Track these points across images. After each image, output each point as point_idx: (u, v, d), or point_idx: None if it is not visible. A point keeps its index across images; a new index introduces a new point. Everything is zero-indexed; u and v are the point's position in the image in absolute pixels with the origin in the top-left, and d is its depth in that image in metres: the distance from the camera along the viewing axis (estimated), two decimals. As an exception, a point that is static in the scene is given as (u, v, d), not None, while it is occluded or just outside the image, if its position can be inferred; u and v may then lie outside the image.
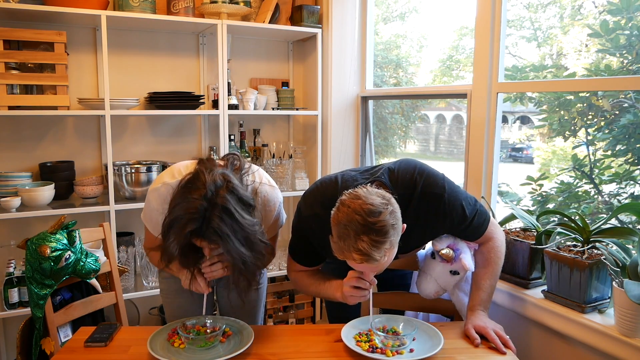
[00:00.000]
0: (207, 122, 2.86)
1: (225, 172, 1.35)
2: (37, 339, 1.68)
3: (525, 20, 2.30)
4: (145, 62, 2.71)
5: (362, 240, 1.23)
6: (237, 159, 1.49)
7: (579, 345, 1.59)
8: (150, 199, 1.51)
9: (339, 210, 1.29)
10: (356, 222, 1.24)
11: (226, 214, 1.26)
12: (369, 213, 1.24)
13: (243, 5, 2.62)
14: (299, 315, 2.98)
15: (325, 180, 1.56)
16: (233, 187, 1.30)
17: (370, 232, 1.23)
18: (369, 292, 1.43)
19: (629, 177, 1.97)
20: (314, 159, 2.93)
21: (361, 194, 1.29)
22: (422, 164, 1.52)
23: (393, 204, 1.29)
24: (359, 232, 1.24)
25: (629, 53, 1.88)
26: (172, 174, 1.50)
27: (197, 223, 1.25)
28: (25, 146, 2.48)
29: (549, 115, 2.20)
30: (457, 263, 1.56)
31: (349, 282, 1.43)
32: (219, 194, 1.26)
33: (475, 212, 1.52)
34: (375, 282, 1.43)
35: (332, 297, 1.52)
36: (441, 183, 1.47)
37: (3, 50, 2.17)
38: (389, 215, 1.26)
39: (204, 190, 1.25)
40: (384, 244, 1.25)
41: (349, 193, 1.31)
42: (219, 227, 1.25)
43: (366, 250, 1.23)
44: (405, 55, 3.15)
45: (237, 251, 1.29)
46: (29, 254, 1.66)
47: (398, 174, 1.47)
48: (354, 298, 1.44)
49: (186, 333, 1.38)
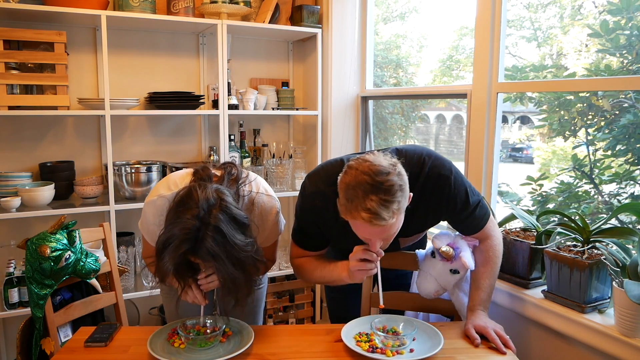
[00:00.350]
0: (207, 122, 2.87)
1: (219, 188, 1.34)
2: (37, 339, 1.68)
3: (525, 20, 2.30)
4: (145, 62, 2.71)
5: (371, 199, 1.23)
6: (235, 168, 1.49)
7: (579, 345, 1.59)
8: (147, 210, 1.52)
9: (347, 173, 1.29)
10: (365, 183, 1.24)
11: (218, 234, 1.25)
12: (377, 173, 1.24)
13: (243, 5, 2.62)
14: (299, 315, 2.98)
15: (329, 161, 1.56)
16: (226, 206, 1.30)
17: (379, 192, 1.23)
18: (376, 265, 1.41)
19: (629, 177, 1.97)
20: (314, 159, 2.93)
21: (368, 157, 1.29)
22: (430, 149, 1.53)
23: (400, 168, 1.30)
24: (368, 191, 1.23)
25: (629, 53, 1.88)
26: (167, 185, 1.50)
27: (191, 243, 1.25)
28: (25, 146, 2.48)
29: (549, 115, 2.20)
30: (457, 261, 1.56)
31: (355, 255, 1.41)
32: (211, 214, 1.26)
33: (477, 203, 1.52)
34: (382, 253, 1.41)
35: (337, 278, 1.50)
36: (448, 167, 1.48)
37: (3, 50, 2.17)
38: (397, 176, 1.26)
39: (196, 210, 1.25)
40: (393, 203, 1.24)
41: (355, 159, 1.31)
42: (211, 248, 1.24)
43: (375, 208, 1.22)
44: (405, 55, 3.15)
45: (228, 272, 1.28)
46: (29, 254, 1.66)
47: (406, 154, 1.47)
48: (361, 272, 1.41)
49: (186, 333, 1.38)
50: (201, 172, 1.45)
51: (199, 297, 1.45)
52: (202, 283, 1.44)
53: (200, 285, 1.45)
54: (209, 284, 1.44)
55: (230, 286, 1.33)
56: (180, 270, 1.34)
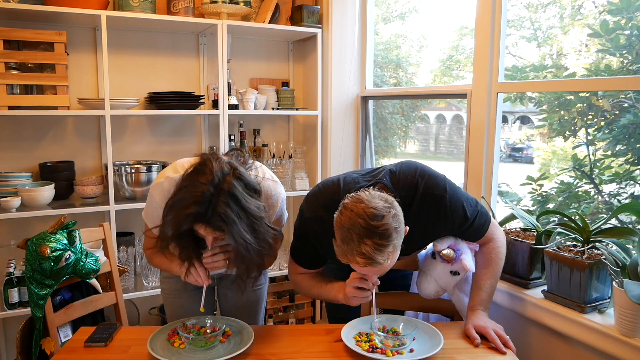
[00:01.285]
0: (207, 122, 2.86)
1: (232, 161, 1.36)
2: (37, 339, 1.68)
3: (525, 20, 2.30)
4: (145, 62, 2.70)
5: (366, 244, 1.24)
6: (241, 154, 1.49)
7: (579, 345, 1.59)
8: (154, 193, 1.50)
9: (342, 214, 1.29)
10: (359, 226, 1.24)
11: (232, 199, 1.26)
12: (372, 217, 1.24)
13: (243, 5, 2.62)
14: (299, 315, 2.98)
15: (327, 182, 1.56)
16: (240, 174, 1.31)
17: (374, 236, 1.24)
18: (371, 293, 1.43)
19: (629, 177, 1.97)
20: (314, 159, 2.93)
21: (364, 197, 1.29)
22: (423, 166, 1.52)
23: (396, 207, 1.30)
24: (362, 235, 1.24)
25: (629, 53, 1.88)
26: (175, 168, 1.49)
27: (202, 207, 1.24)
28: (25, 146, 2.48)
29: (549, 115, 2.20)
30: (457, 264, 1.56)
31: (351, 283, 1.43)
32: (225, 180, 1.27)
33: (476, 214, 1.52)
34: (378, 282, 1.43)
35: (334, 299, 1.52)
36: (442, 185, 1.48)
37: (3, 50, 2.17)
38: (392, 218, 1.26)
39: (210, 175, 1.26)
40: (387, 247, 1.25)
41: (351, 197, 1.31)
42: (225, 213, 1.24)
43: (369, 254, 1.24)
44: (405, 55, 3.15)
45: (242, 237, 1.28)
46: (29, 254, 1.66)
47: (399, 176, 1.48)
48: (356, 299, 1.44)
49: (186, 333, 1.38)
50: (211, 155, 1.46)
51: (202, 276, 1.43)
52: (208, 262, 1.42)
53: (206, 264, 1.43)
54: (214, 263, 1.43)
55: (243, 253, 1.32)
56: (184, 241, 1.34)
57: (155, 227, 1.40)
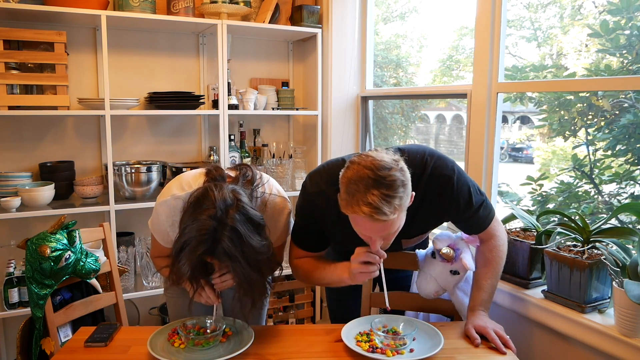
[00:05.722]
0: (207, 122, 2.87)
1: (235, 188, 1.33)
2: (37, 339, 1.68)
3: (525, 20, 2.30)
4: (145, 62, 2.71)
5: (373, 193, 1.22)
6: (250, 170, 1.48)
7: (579, 345, 1.59)
8: (160, 211, 1.49)
9: (349, 168, 1.28)
10: (366, 177, 1.23)
11: (235, 234, 1.25)
12: (380, 167, 1.23)
13: (243, 5, 2.62)
14: (299, 315, 2.98)
15: (331, 160, 1.55)
16: (243, 207, 1.29)
17: (381, 186, 1.22)
18: (378, 267, 1.39)
19: (629, 177, 1.97)
20: (314, 159, 2.93)
21: (371, 153, 1.29)
22: (432, 148, 1.52)
23: (403, 165, 1.29)
24: (370, 185, 1.22)
25: (629, 53, 1.88)
26: (180, 185, 1.48)
27: (208, 244, 1.24)
28: (25, 146, 2.48)
29: (549, 115, 2.20)
30: (457, 263, 1.56)
31: (357, 258, 1.39)
32: (228, 214, 1.26)
33: (481, 202, 1.51)
34: (384, 255, 1.39)
35: (338, 279, 1.48)
36: (451, 166, 1.47)
37: (3, 50, 2.17)
38: (399, 172, 1.25)
39: (213, 210, 1.25)
40: (394, 198, 1.23)
41: (358, 155, 1.31)
42: (228, 248, 1.24)
43: (376, 203, 1.21)
44: (405, 55, 3.15)
45: (244, 272, 1.28)
46: (29, 254, 1.66)
47: (408, 153, 1.45)
48: (363, 275, 1.39)
49: (186, 333, 1.38)
50: (214, 172, 1.44)
51: (212, 297, 1.44)
52: (216, 282, 1.43)
53: (214, 285, 1.44)
54: (222, 283, 1.43)
55: (246, 287, 1.32)
56: (196, 272, 1.33)
57: (165, 266, 1.39)
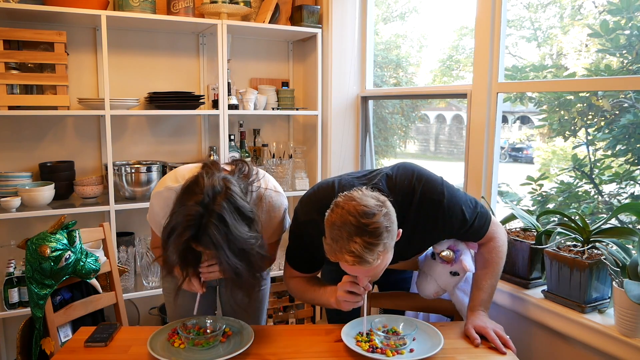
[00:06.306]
0: (207, 122, 2.87)
1: (227, 177, 1.32)
2: (37, 339, 1.68)
3: (525, 20, 2.30)
4: (145, 62, 2.71)
5: (355, 242, 1.22)
6: (246, 165, 1.47)
7: (579, 345, 1.59)
8: (154, 202, 1.50)
9: (333, 211, 1.28)
10: (349, 224, 1.23)
11: (221, 222, 1.22)
12: (363, 214, 1.23)
13: (243, 5, 2.62)
14: (299, 315, 2.98)
15: (322, 185, 1.55)
16: (231, 195, 1.27)
17: (364, 234, 1.22)
18: (362, 298, 1.40)
19: (629, 177, 1.97)
20: (314, 159, 2.93)
21: (356, 195, 1.28)
22: (420, 169, 1.50)
23: (388, 207, 1.28)
24: (352, 233, 1.22)
25: (629, 53, 1.88)
26: (175, 177, 1.48)
27: (193, 230, 1.22)
28: (25, 146, 2.48)
29: (549, 115, 2.20)
30: (457, 264, 1.56)
31: (343, 286, 1.41)
32: (216, 201, 1.24)
33: (475, 215, 1.51)
34: (369, 287, 1.40)
35: (326, 303, 1.50)
36: (440, 189, 1.46)
37: (3, 50, 2.17)
38: (383, 217, 1.24)
39: (200, 196, 1.23)
40: (377, 246, 1.23)
41: (344, 195, 1.30)
42: (214, 236, 1.22)
43: (359, 252, 1.22)
44: (405, 55, 3.15)
45: (230, 262, 1.26)
46: (29, 254, 1.66)
47: (396, 180, 1.46)
48: (347, 304, 1.41)
49: (186, 333, 1.38)
50: (211, 165, 1.43)
51: (196, 285, 1.42)
52: (203, 272, 1.42)
53: (201, 274, 1.42)
54: (209, 274, 1.42)
55: (232, 277, 1.30)
56: (185, 259, 1.31)
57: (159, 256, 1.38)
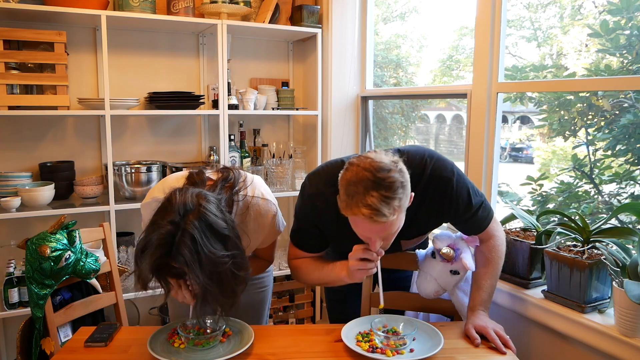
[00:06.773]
0: (207, 122, 2.86)
1: (201, 193, 1.29)
2: (37, 339, 1.68)
3: (525, 20, 2.30)
4: (145, 62, 2.71)
5: (372, 195, 1.22)
6: (232, 172, 1.46)
7: (579, 345, 1.59)
8: (143, 213, 1.51)
9: (348, 170, 1.28)
10: (366, 179, 1.23)
11: (191, 241, 1.19)
12: (379, 169, 1.24)
13: (243, 5, 2.62)
14: (299, 315, 2.98)
15: (330, 161, 1.55)
16: (204, 213, 1.24)
17: (380, 188, 1.22)
18: (375, 264, 1.39)
19: (629, 177, 1.97)
20: (314, 159, 2.93)
21: (370, 154, 1.29)
22: (431, 150, 1.53)
23: (402, 166, 1.29)
24: (369, 187, 1.23)
25: (629, 53, 1.88)
26: (163, 189, 1.46)
27: (166, 248, 1.20)
28: (25, 146, 2.48)
29: (549, 115, 2.20)
30: (457, 263, 1.56)
31: (354, 255, 1.39)
32: (187, 219, 1.21)
33: (480, 203, 1.52)
34: (382, 253, 1.39)
35: (336, 278, 1.48)
36: (450, 168, 1.48)
37: (3, 50, 2.17)
38: (398, 173, 1.25)
39: (172, 214, 1.21)
40: (394, 200, 1.23)
41: (357, 156, 1.31)
42: (184, 254, 1.19)
43: (375, 205, 1.21)
44: (405, 55, 3.15)
45: (199, 282, 1.22)
46: (29, 254, 1.66)
47: (408, 155, 1.44)
48: (360, 272, 1.39)
49: (186, 333, 1.38)
50: (195, 176, 1.42)
51: (187, 297, 1.38)
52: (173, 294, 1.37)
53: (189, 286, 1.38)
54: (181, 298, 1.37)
55: (203, 297, 1.26)
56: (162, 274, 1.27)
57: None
